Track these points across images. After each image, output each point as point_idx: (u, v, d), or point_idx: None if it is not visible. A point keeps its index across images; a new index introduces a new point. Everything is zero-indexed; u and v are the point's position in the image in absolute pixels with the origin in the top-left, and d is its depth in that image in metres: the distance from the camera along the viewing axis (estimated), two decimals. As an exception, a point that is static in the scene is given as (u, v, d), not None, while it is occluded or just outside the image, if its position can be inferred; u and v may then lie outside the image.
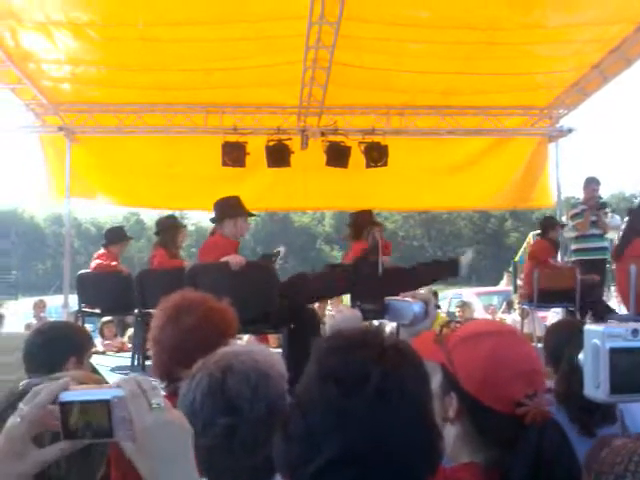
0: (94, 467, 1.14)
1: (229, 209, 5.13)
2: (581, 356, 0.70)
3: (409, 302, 1.88)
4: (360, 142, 7.94)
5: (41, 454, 0.90)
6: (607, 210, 7.36)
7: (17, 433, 0.88)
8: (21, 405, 0.90)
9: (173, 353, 1.80)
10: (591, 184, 7.35)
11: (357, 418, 0.93)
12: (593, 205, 7.16)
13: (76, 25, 5.79)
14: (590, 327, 0.72)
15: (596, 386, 0.70)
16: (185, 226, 7.43)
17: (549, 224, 7.19)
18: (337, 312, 1.79)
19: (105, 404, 0.86)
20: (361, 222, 6.52)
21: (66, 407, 0.87)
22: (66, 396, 0.88)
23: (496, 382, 1.26)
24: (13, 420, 0.89)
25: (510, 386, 1.24)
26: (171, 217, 7.60)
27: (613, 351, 0.70)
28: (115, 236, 7.24)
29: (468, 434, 1.31)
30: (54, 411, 0.88)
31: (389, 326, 5.88)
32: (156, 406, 0.87)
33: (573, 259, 7.44)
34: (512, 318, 9.05)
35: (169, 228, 6.64)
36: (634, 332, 0.71)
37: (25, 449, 0.89)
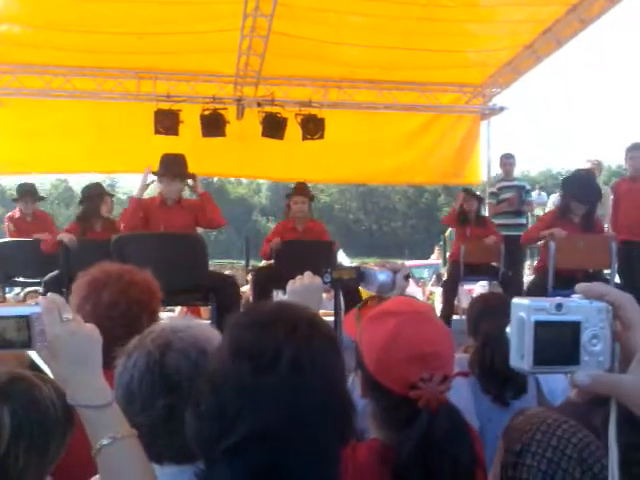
0: (50, 462, 1.24)
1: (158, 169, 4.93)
2: (508, 329, 0.74)
3: (376, 270, 1.88)
4: (297, 114, 7.87)
5: None
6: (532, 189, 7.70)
7: None
8: None
9: None
10: (502, 159, 7.71)
11: (270, 395, 0.92)
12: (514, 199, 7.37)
13: (-2, -21, 5.48)
14: (517, 301, 0.74)
15: (520, 357, 0.73)
16: (112, 195, 6.86)
17: None
18: (298, 279, 1.69)
19: (25, 319, 1.00)
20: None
21: None
22: None
23: (390, 363, 1.23)
24: None
25: (404, 368, 1.21)
26: (97, 184, 6.80)
27: (537, 324, 0.73)
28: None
29: (373, 411, 1.32)
30: None
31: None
32: (65, 319, 1.03)
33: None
34: (441, 290, 9.25)
35: (93, 197, 6.10)
36: (558, 306, 0.73)
37: None
